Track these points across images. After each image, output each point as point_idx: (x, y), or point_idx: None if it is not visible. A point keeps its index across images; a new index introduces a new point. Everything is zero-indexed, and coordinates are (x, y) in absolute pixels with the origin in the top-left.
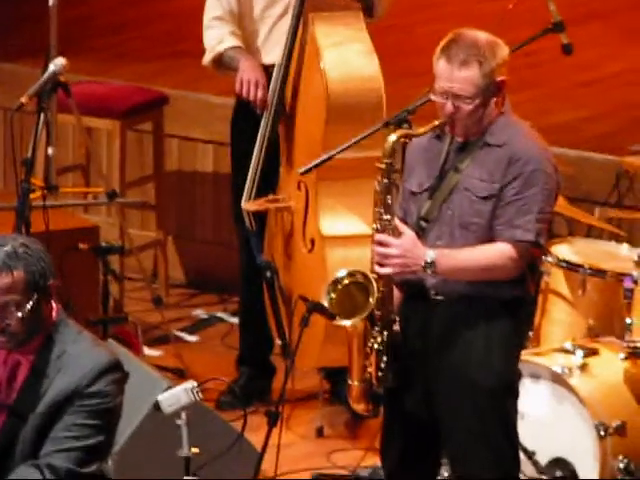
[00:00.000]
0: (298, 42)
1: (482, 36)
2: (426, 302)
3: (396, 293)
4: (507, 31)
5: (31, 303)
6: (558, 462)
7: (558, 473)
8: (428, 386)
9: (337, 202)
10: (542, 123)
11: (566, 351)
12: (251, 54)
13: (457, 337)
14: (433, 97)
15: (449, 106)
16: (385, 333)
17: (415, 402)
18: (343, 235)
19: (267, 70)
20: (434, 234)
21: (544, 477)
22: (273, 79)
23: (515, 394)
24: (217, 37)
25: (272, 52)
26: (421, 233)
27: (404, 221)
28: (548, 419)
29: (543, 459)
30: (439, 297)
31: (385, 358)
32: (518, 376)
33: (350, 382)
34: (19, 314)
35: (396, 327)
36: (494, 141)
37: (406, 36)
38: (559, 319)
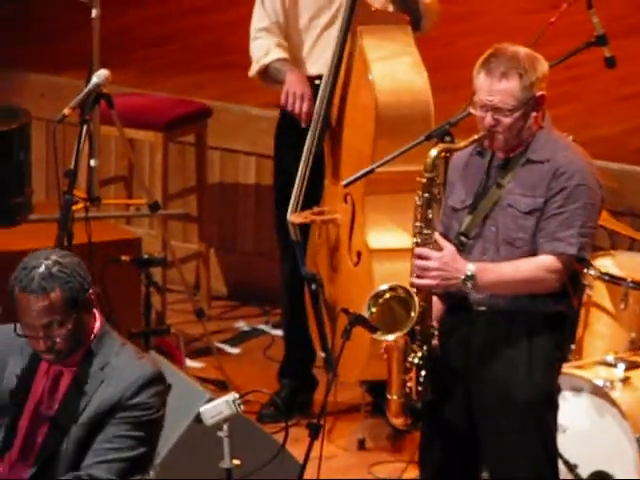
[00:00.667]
0: (346, 55)
1: (522, 50)
2: (469, 315)
3: (438, 305)
4: (549, 44)
5: (73, 318)
6: (600, 475)
7: None
8: (468, 399)
9: (384, 216)
10: (584, 136)
11: (608, 364)
12: (296, 65)
13: (498, 351)
14: (472, 110)
15: (489, 119)
16: (425, 347)
17: (455, 415)
18: (390, 248)
19: (312, 82)
20: (478, 250)
21: None
22: (320, 92)
23: (555, 408)
24: (263, 49)
25: (317, 63)
26: (461, 249)
27: (445, 237)
28: (590, 432)
29: (585, 472)
30: (481, 308)
31: (424, 372)
32: (557, 390)
33: (389, 397)
34: (63, 332)
35: (435, 341)
36: (537, 157)
37: (447, 49)
38: (601, 332)
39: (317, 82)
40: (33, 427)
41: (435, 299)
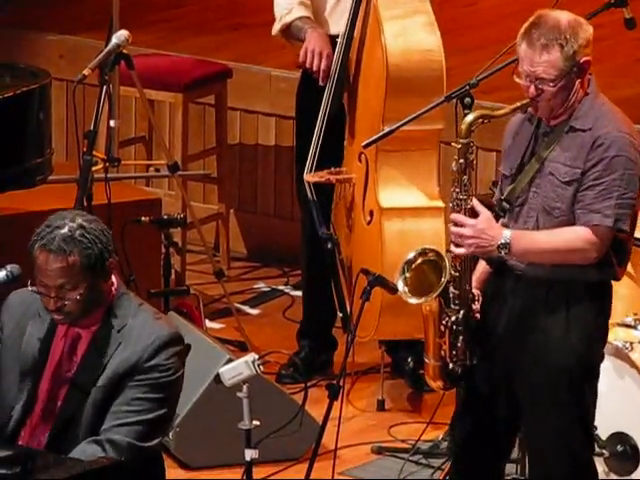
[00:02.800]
0: (362, 13)
1: (564, 17)
2: (511, 280)
3: (483, 268)
4: (569, 6)
5: (85, 285)
6: (619, 436)
7: (619, 447)
8: (507, 364)
9: (396, 174)
10: (609, 97)
11: (627, 325)
12: (319, 24)
13: (536, 317)
14: (517, 79)
15: (532, 89)
16: (462, 312)
17: (493, 379)
18: (400, 207)
19: (334, 41)
20: (522, 218)
21: (605, 451)
22: (336, 51)
23: (593, 376)
24: (286, 7)
25: (339, 23)
26: (502, 215)
27: (500, 201)
28: (609, 393)
29: (604, 433)
30: (521, 277)
31: (461, 337)
32: (600, 358)
33: (427, 360)
34: (75, 295)
35: (475, 306)
36: (580, 125)
37: (467, 9)
38: (621, 294)
39: (338, 40)
40: (53, 390)
41: (482, 262)
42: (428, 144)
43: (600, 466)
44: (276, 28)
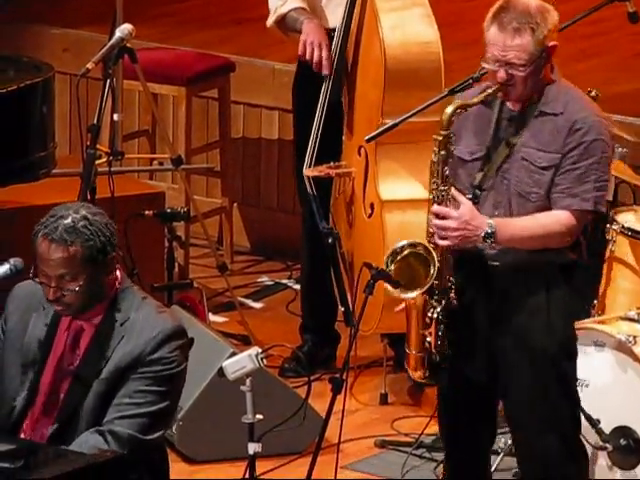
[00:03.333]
0: (358, 5)
1: (533, 2)
2: (483, 269)
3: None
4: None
5: (85, 277)
6: (622, 430)
7: (622, 441)
8: (488, 351)
9: (396, 166)
10: (608, 92)
11: (630, 319)
12: (315, 17)
13: (516, 302)
14: (485, 65)
15: (502, 74)
16: (443, 302)
17: (475, 368)
18: (401, 199)
19: (330, 34)
20: (490, 203)
21: (608, 445)
22: (334, 43)
23: (574, 356)
24: None
25: (334, 14)
26: (476, 202)
27: (472, 188)
28: (612, 387)
29: (607, 427)
30: (495, 263)
31: (442, 327)
32: (575, 338)
33: (408, 351)
34: (74, 286)
35: (452, 295)
36: (550, 109)
37: (468, 3)
38: (624, 287)
39: (333, 34)
40: (55, 383)
41: None
42: (427, 136)
43: (604, 460)
44: (271, 20)
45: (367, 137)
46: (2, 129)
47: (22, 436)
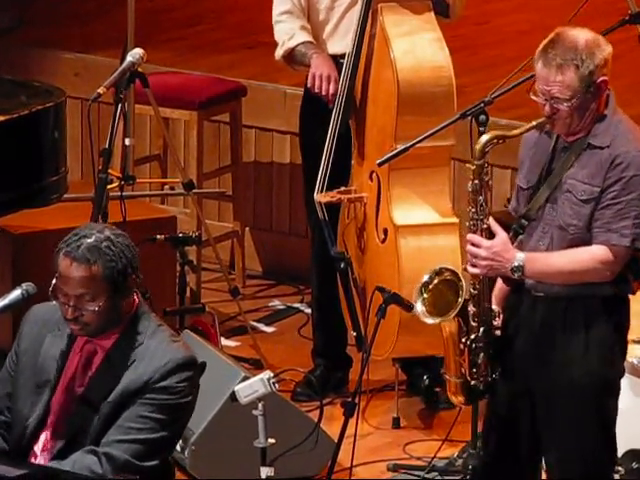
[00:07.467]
0: (367, 33)
1: (582, 37)
2: (528, 299)
3: (502, 285)
4: (584, 22)
5: (105, 298)
6: (634, 453)
7: (634, 464)
8: (527, 380)
9: (409, 191)
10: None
11: None
12: (318, 44)
13: (556, 335)
14: (533, 97)
15: (548, 107)
16: (482, 329)
17: (515, 396)
18: (416, 224)
19: (336, 60)
20: (537, 235)
21: (620, 468)
22: (343, 72)
23: (613, 393)
24: (288, 32)
25: (340, 42)
26: (521, 232)
27: (516, 212)
28: (624, 411)
29: (619, 451)
30: (539, 293)
31: (482, 354)
32: (620, 373)
33: (448, 377)
34: (93, 307)
35: (496, 322)
36: (598, 143)
37: (481, 27)
38: (636, 310)
39: (341, 61)
40: (66, 403)
41: (500, 280)
42: (440, 161)
43: None
44: (279, 53)
45: (379, 161)
46: (14, 154)
47: (33, 457)
